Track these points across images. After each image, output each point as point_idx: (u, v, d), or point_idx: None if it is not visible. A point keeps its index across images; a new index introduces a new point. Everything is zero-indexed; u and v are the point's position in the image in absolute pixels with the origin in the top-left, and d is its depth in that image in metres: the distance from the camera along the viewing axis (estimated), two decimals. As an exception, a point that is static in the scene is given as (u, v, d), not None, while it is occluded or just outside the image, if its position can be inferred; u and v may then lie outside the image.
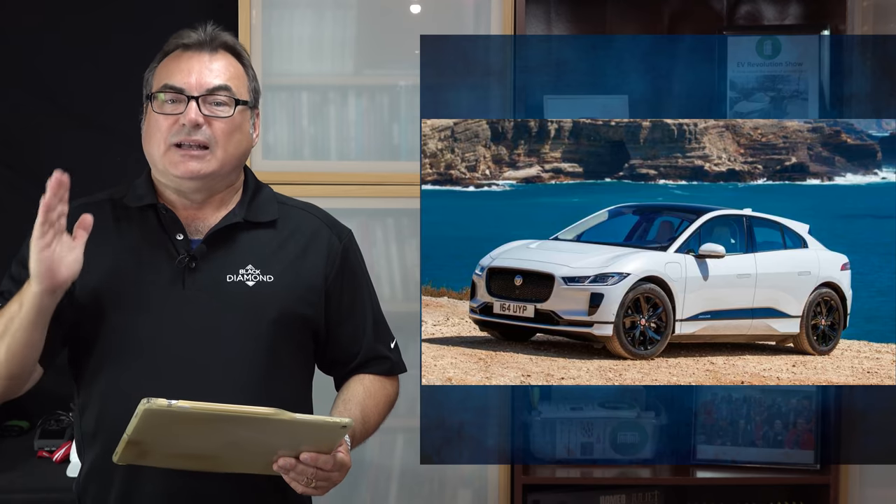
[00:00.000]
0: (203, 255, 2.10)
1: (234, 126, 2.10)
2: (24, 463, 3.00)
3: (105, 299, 2.09)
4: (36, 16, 3.48)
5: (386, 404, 2.26)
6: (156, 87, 2.10)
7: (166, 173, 2.10)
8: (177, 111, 2.07)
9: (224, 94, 2.10)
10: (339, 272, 2.20)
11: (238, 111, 2.11)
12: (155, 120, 2.09)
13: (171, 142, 2.06)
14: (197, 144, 2.06)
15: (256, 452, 1.92)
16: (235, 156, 2.12)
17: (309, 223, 2.22)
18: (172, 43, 2.15)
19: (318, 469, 1.93)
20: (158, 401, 1.78)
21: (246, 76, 2.16)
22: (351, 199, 3.25)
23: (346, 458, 1.98)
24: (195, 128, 2.06)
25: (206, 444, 1.89)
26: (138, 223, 2.13)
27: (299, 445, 1.91)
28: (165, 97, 2.08)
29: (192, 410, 1.80)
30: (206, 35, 2.13)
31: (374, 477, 3.39)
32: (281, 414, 1.83)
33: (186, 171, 2.07)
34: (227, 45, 2.15)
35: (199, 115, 2.06)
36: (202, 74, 2.09)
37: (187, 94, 2.07)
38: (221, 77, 2.10)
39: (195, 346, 2.07)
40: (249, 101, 2.15)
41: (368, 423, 2.19)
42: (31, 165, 3.49)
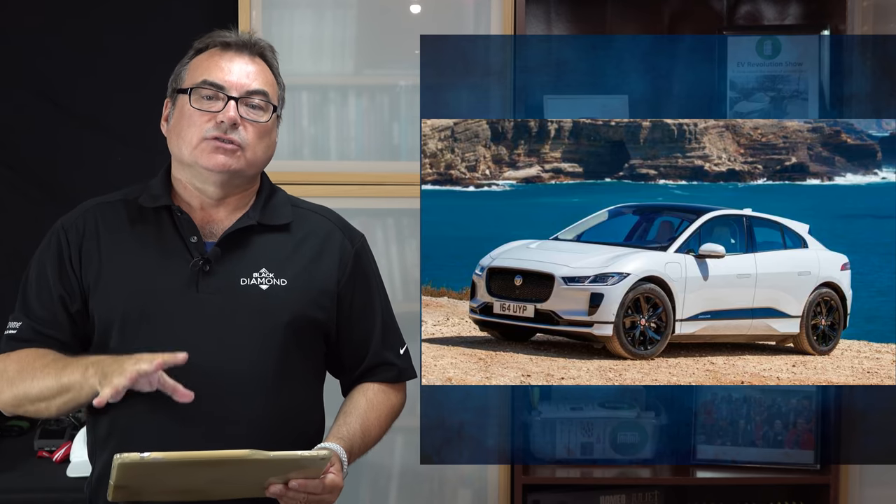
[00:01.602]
0: (217, 257, 2.10)
1: (266, 131, 2.13)
2: (24, 463, 3.00)
3: (119, 301, 2.09)
4: (37, 16, 3.48)
5: (388, 415, 2.27)
6: (192, 81, 2.11)
7: (194, 165, 2.10)
8: (214, 108, 2.08)
9: (261, 99, 2.12)
10: (351, 276, 2.21)
11: (273, 118, 2.13)
12: (190, 114, 2.09)
13: (207, 136, 2.07)
14: (230, 142, 2.08)
15: (245, 483, 1.94)
16: (263, 160, 2.15)
17: (323, 227, 2.22)
18: (210, 40, 2.15)
19: (310, 494, 1.95)
20: (130, 455, 1.82)
21: (276, 84, 2.18)
22: (351, 199, 3.25)
23: (338, 479, 2.00)
24: (232, 127, 2.07)
25: (194, 482, 1.91)
26: (153, 224, 2.14)
27: (287, 473, 1.93)
28: (204, 93, 2.09)
29: (165, 461, 1.83)
30: (248, 38, 2.15)
31: (374, 477, 3.39)
32: (256, 454, 1.85)
33: (216, 163, 2.07)
34: (264, 53, 2.17)
35: (237, 114, 2.08)
36: (242, 76, 2.11)
37: (227, 93, 2.08)
38: (259, 81, 2.12)
39: (208, 349, 2.07)
40: (278, 109, 2.17)
41: (369, 436, 2.20)
42: (31, 165, 3.49)
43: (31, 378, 2.04)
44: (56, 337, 2.12)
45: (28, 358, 2.08)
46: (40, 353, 2.08)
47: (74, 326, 2.12)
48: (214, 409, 2.05)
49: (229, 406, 2.06)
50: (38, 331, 2.12)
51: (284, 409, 2.11)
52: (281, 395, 2.11)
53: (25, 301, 2.15)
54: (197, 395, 2.01)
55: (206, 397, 2.04)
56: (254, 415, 2.07)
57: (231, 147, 2.08)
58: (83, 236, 2.13)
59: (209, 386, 2.05)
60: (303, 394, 2.18)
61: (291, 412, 2.13)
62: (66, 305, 2.11)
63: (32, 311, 2.13)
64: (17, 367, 2.07)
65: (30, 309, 2.13)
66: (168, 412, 2.03)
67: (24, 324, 2.13)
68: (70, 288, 2.11)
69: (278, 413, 2.10)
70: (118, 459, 1.82)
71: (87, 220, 2.15)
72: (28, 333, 2.12)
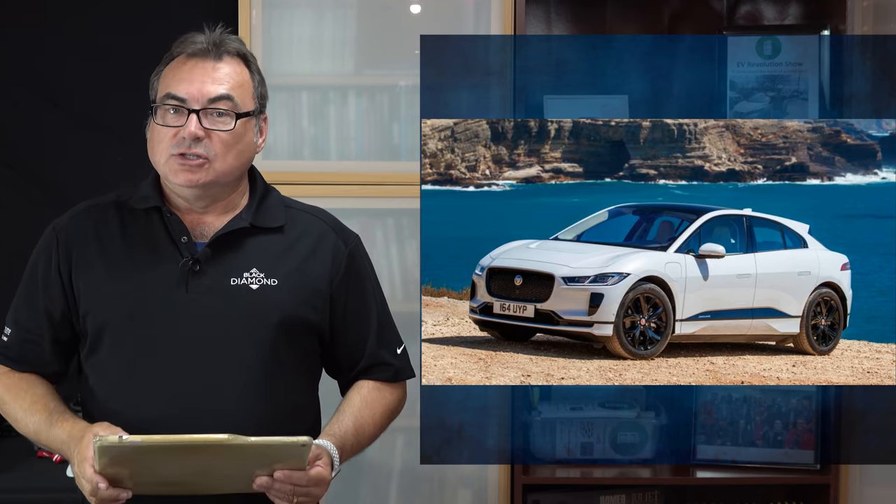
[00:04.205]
0: (207, 258, 2.10)
1: (236, 138, 2.10)
2: (24, 463, 3.00)
3: (110, 304, 2.10)
4: (36, 15, 3.48)
5: (384, 413, 2.25)
6: (159, 95, 2.10)
7: (167, 180, 2.11)
8: (178, 122, 2.07)
9: (226, 105, 2.09)
10: (345, 277, 2.20)
11: (239, 123, 2.10)
12: (157, 130, 2.09)
13: (173, 152, 2.07)
14: (196, 156, 2.07)
15: (231, 475, 1.94)
16: (236, 166, 2.12)
17: (315, 227, 2.21)
18: (178, 48, 2.13)
19: (295, 486, 1.95)
20: (109, 437, 1.84)
21: (252, 82, 2.15)
22: (351, 199, 3.25)
23: (324, 472, 2.00)
24: (195, 141, 2.06)
25: (179, 471, 1.91)
26: (144, 226, 2.14)
27: (272, 465, 1.93)
28: (168, 107, 2.08)
29: (143, 444, 1.84)
30: (211, 41, 2.11)
31: (374, 477, 3.39)
32: (235, 439, 1.84)
33: (185, 180, 2.07)
34: (233, 51, 2.13)
35: (199, 128, 2.06)
36: (204, 84, 2.08)
37: (188, 107, 2.06)
38: (225, 86, 2.09)
39: (198, 349, 2.07)
40: (255, 109, 2.14)
41: (363, 434, 2.18)
42: (31, 165, 3.49)
43: (13, 408, 2.14)
44: (41, 345, 2.16)
45: (12, 391, 2.16)
46: (23, 389, 2.15)
47: (60, 334, 2.16)
48: (205, 409, 2.05)
49: (220, 406, 2.06)
50: (26, 339, 2.17)
51: (276, 409, 2.11)
52: (272, 395, 2.10)
53: (16, 308, 2.20)
54: (187, 394, 2.02)
55: (197, 397, 2.04)
56: (245, 415, 2.07)
57: (197, 162, 2.06)
58: (74, 241, 2.13)
59: (199, 385, 2.05)
60: (295, 394, 2.17)
61: (284, 412, 2.12)
62: (50, 315, 2.15)
63: (20, 320, 2.19)
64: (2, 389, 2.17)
65: (18, 317, 2.19)
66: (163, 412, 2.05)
67: (13, 332, 2.19)
68: (57, 296, 2.14)
69: (270, 413, 2.10)
70: (97, 442, 1.84)
71: (78, 224, 2.16)
72: (16, 346, 2.18)
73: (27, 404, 2.12)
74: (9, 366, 2.19)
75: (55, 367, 2.19)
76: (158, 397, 2.06)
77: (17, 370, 2.18)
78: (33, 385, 2.15)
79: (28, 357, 2.17)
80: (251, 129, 2.14)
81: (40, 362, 2.18)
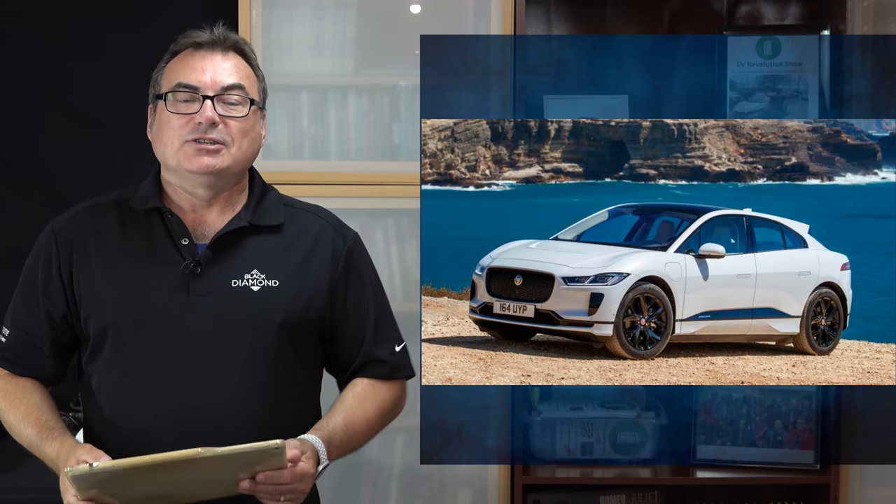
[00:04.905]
0: (208, 260, 2.10)
1: (249, 125, 2.11)
2: (24, 463, 2.99)
3: (111, 307, 2.09)
4: (37, 15, 3.48)
5: (377, 411, 2.23)
6: (168, 86, 2.10)
7: (179, 169, 2.09)
8: (191, 110, 2.06)
9: (238, 94, 2.10)
10: (343, 274, 2.20)
11: (252, 111, 2.11)
12: (168, 119, 2.08)
13: (187, 138, 2.06)
14: (212, 142, 2.06)
15: (214, 483, 1.94)
16: (249, 154, 2.13)
17: (315, 225, 2.21)
18: (182, 42, 2.14)
19: (278, 485, 1.95)
20: (79, 467, 1.85)
21: (255, 77, 2.17)
22: (351, 199, 3.25)
23: (307, 467, 2.00)
24: (211, 126, 2.06)
25: (162, 486, 1.91)
26: (144, 228, 2.13)
27: (252, 468, 1.93)
28: (179, 96, 2.08)
29: (114, 468, 1.84)
30: (218, 35, 2.13)
31: (374, 477, 3.39)
32: (206, 451, 1.84)
33: (201, 165, 2.06)
34: (237, 46, 2.15)
35: (215, 113, 2.06)
36: (216, 73, 2.09)
37: (202, 94, 2.06)
38: (235, 76, 2.10)
39: (200, 352, 2.07)
40: (259, 102, 2.16)
41: (353, 430, 2.16)
42: (32, 165, 3.49)
43: (8, 415, 2.14)
44: (40, 347, 2.16)
45: (7, 398, 2.15)
46: (17, 397, 2.14)
47: (60, 336, 2.16)
48: (208, 412, 2.05)
49: (223, 408, 2.06)
50: (24, 341, 2.16)
51: (279, 410, 2.11)
52: (275, 396, 2.10)
53: (14, 308, 2.19)
54: (190, 397, 2.02)
55: (200, 400, 2.05)
56: (248, 416, 2.07)
57: (214, 147, 2.06)
58: (74, 243, 2.13)
59: (202, 389, 2.05)
60: (298, 395, 2.17)
61: (286, 413, 2.12)
62: (51, 317, 2.14)
63: (18, 321, 2.18)
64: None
65: (16, 317, 2.18)
66: (166, 415, 2.05)
67: (11, 333, 2.18)
68: (58, 299, 2.13)
69: (273, 414, 2.09)
70: (68, 473, 1.85)
71: (78, 225, 2.15)
72: (14, 347, 2.17)
73: (21, 415, 2.12)
74: (6, 368, 2.18)
75: (53, 369, 2.18)
76: (162, 401, 2.06)
77: (14, 373, 2.17)
78: (28, 393, 2.15)
79: (26, 359, 2.17)
80: (258, 121, 2.16)
81: (39, 365, 2.17)
